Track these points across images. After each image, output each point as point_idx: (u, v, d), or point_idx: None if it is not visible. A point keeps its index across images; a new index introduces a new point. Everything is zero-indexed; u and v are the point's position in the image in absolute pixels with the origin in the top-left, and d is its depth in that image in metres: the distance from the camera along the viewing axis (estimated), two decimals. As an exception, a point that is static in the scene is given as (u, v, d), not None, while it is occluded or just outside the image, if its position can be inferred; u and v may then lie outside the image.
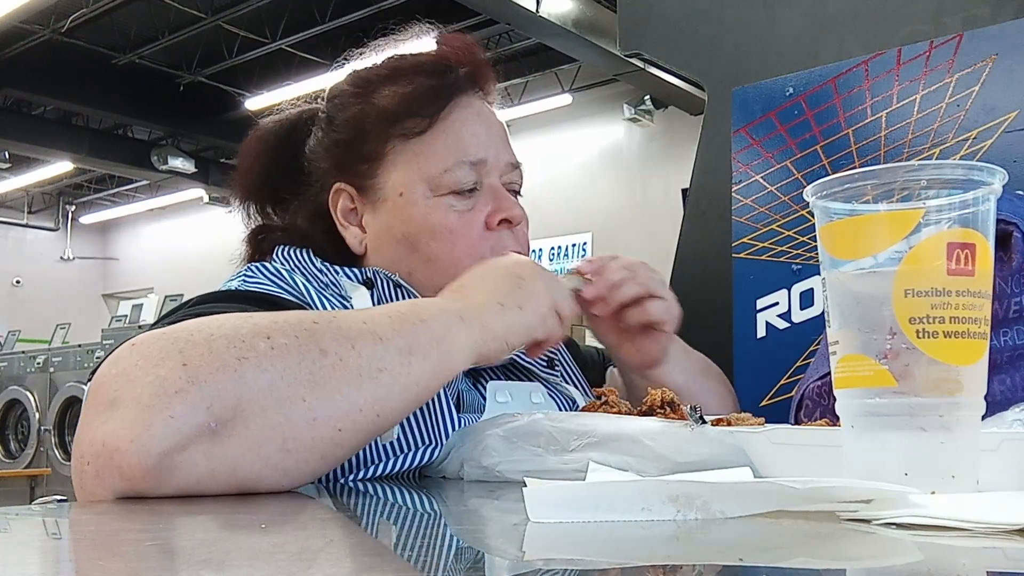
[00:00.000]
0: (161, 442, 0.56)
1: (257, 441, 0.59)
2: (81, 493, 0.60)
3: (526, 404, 0.91)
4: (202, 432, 0.57)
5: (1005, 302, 0.85)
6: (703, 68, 1.41)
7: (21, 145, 9.90)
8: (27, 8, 7.06)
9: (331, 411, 0.61)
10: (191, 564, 0.39)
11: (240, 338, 0.60)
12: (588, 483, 0.56)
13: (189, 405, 0.57)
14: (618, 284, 0.90)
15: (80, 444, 0.60)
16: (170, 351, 0.59)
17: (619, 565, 0.39)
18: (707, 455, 0.65)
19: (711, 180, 1.31)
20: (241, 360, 0.59)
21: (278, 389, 0.59)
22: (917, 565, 0.39)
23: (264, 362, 0.60)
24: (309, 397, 0.60)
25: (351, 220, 0.95)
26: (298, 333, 0.62)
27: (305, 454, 0.61)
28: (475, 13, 7.47)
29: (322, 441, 0.61)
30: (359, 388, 0.63)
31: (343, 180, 0.95)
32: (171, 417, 0.56)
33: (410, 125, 0.92)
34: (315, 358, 0.62)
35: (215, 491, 0.59)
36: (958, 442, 0.49)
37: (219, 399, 0.58)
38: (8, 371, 7.49)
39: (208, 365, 0.58)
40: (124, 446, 0.56)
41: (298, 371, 0.60)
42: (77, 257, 14.39)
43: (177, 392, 0.57)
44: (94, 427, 0.59)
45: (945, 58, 1.07)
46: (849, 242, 0.52)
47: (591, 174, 9.73)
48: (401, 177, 0.92)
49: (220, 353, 0.59)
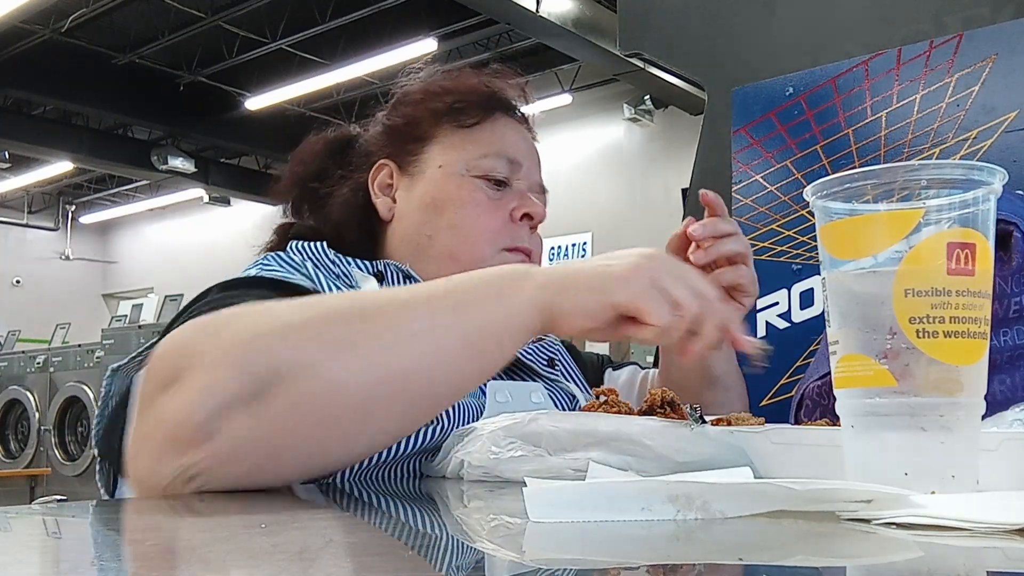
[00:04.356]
0: (202, 410, 0.57)
1: (295, 406, 0.58)
2: (146, 477, 0.61)
3: (526, 404, 0.91)
4: (243, 398, 0.57)
5: (1005, 302, 0.85)
6: (703, 68, 1.41)
7: (21, 145, 9.89)
8: (27, 8, 7.06)
9: (363, 375, 0.59)
10: (191, 564, 0.39)
11: (279, 310, 0.62)
12: (588, 483, 0.56)
13: (227, 372, 0.58)
14: (727, 234, 0.92)
15: (136, 433, 0.62)
16: (210, 328, 0.62)
17: (619, 565, 0.39)
18: (707, 455, 0.65)
19: (711, 180, 1.31)
20: (280, 328, 0.60)
21: (314, 354, 0.58)
22: (917, 564, 0.39)
23: (302, 329, 0.60)
24: (343, 360, 0.59)
25: (385, 192, 1.03)
26: (344, 303, 0.63)
27: (338, 424, 0.59)
28: (475, 13, 7.47)
29: (354, 409, 0.59)
30: (397, 349, 0.60)
31: (388, 157, 1.03)
32: (211, 385, 0.58)
33: (463, 117, 1.01)
34: (355, 322, 0.60)
35: (262, 459, 0.59)
36: (958, 442, 0.49)
37: (257, 364, 0.58)
38: (8, 371, 7.49)
39: (246, 333, 0.60)
40: (171, 418, 0.58)
41: (337, 335, 0.59)
42: (77, 257, 14.39)
43: (218, 360, 0.59)
44: (146, 414, 0.61)
45: (945, 58, 1.07)
46: (849, 242, 0.52)
47: (591, 174, 9.72)
48: (444, 155, 1.00)
49: (261, 323, 0.61)
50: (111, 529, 0.53)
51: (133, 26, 8.38)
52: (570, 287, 0.65)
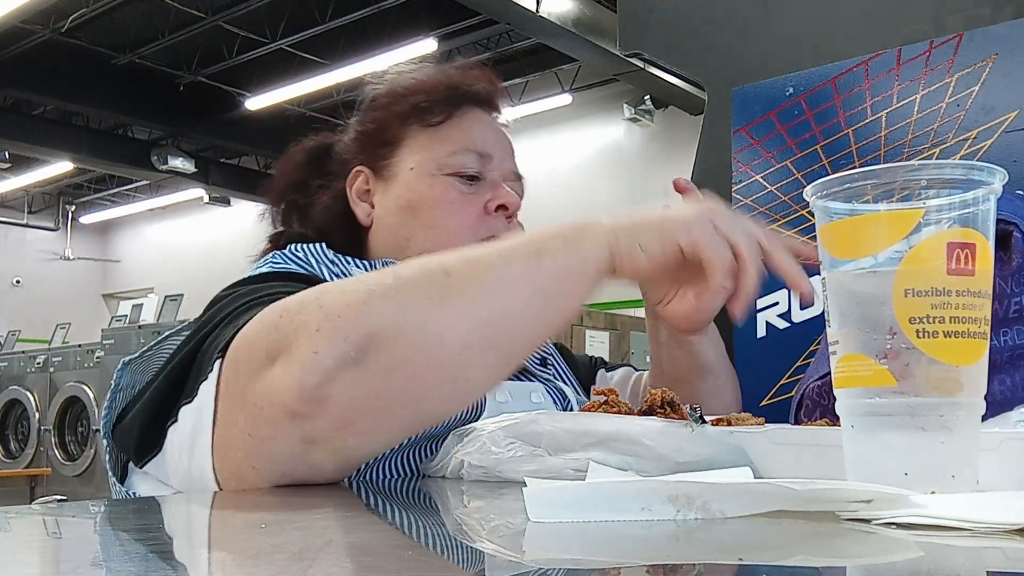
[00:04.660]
0: (311, 377, 0.60)
1: (393, 365, 0.62)
2: (259, 451, 0.64)
3: (526, 404, 0.91)
4: (346, 362, 0.61)
5: (1005, 302, 0.85)
6: (703, 68, 1.41)
7: (21, 145, 9.90)
8: (27, 8, 7.06)
9: (456, 328, 0.63)
10: (191, 564, 0.39)
11: (367, 280, 0.66)
12: (588, 483, 0.56)
13: (328, 339, 0.61)
14: None
15: (246, 406, 0.63)
16: (305, 302, 0.64)
17: (619, 565, 0.39)
18: (707, 455, 0.65)
19: (711, 180, 1.31)
20: (370, 293, 0.63)
21: (406, 313, 0.62)
22: (917, 564, 0.39)
23: (390, 292, 0.63)
24: (434, 316, 0.63)
25: (363, 198, 1.04)
26: (425, 264, 0.66)
27: (438, 377, 0.63)
28: (475, 13, 7.47)
29: (451, 361, 0.63)
30: (483, 300, 0.64)
31: (363, 163, 1.04)
32: (315, 353, 0.61)
33: (430, 116, 1.01)
34: (439, 279, 0.64)
35: (369, 420, 0.63)
36: (958, 442, 0.49)
37: (354, 329, 0.61)
38: (8, 371, 7.49)
39: (340, 301, 0.63)
40: (283, 387, 0.61)
41: (425, 293, 0.63)
42: (77, 257, 14.39)
43: (317, 330, 0.61)
44: (255, 386, 0.63)
45: (945, 58, 1.07)
46: (849, 242, 0.52)
47: (591, 174, 9.73)
48: (414, 156, 1.01)
49: (350, 292, 0.64)
50: (111, 529, 0.53)
51: (133, 26, 8.39)
52: (635, 230, 0.68)
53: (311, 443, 0.63)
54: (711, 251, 0.68)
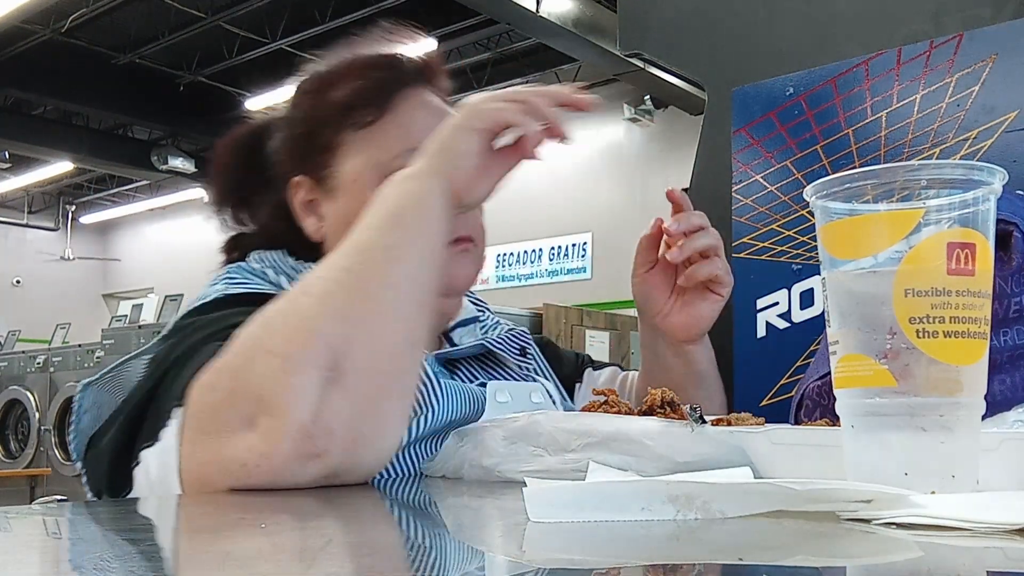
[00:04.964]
0: (306, 415, 0.62)
1: (364, 364, 0.65)
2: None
3: (526, 404, 0.91)
4: (328, 384, 0.63)
5: (1005, 302, 0.85)
6: (703, 68, 1.41)
7: (21, 145, 9.90)
8: (27, 8, 7.06)
9: (385, 306, 0.69)
10: (191, 564, 0.39)
11: (289, 309, 0.68)
12: (588, 483, 0.56)
13: (299, 374, 0.63)
14: (699, 229, 0.95)
15: (227, 466, 0.63)
16: (251, 353, 0.65)
17: (619, 565, 0.39)
18: (707, 455, 0.65)
19: (711, 180, 1.31)
20: (303, 318, 0.66)
21: (342, 317, 0.66)
22: (917, 564, 0.39)
23: (318, 309, 0.67)
24: (366, 306, 0.68)
25: (309, 211, 0.98)
26: (322, 274, 0.70)
27: (398, 345, 0.69)
28: (475, 13, 7.46)
29: (399, 329, 0.69)
30: (390, 275, 0.70)
31: (301, 173, 0.97)
32: (295, 391, 0.62)
33: (361, 116, 0.95)
34: (346, 278, 0.69)
35: (370, 426, 0.66)
36: (958, 442, 0.49)
37: (316, 354, 0.64)
38: (8, 371, 7.49)
39: (285, 338, 0.65)
40: (284, 436, 0.62)
41: (345, 295, 0.68)
42: (77, 257, 14.39)
43: (283, 372, 0.63)
44: (234, 451, 0.63)
45: (945, 58, 1.07)
46: (849, 242, 0.52)
47: (591, 174, 9.72)
48: (355, 165, 0.94)
49: (289, 326, 0.66)
50: (111, 529, 0.53)
51: (133, 26, 8.38)
52: (443, 150, 0.77)
53: (332, 475, 0.64)
54: (499, 112, 0.77)
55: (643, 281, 1.00)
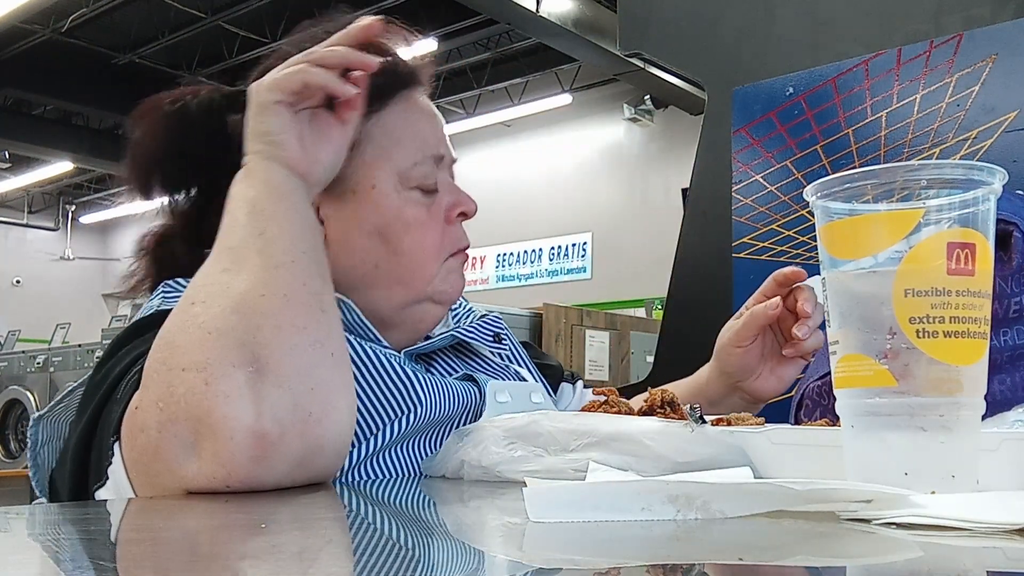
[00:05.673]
0: (249, 416, 0.60)
1: (283, 345, 0.63)
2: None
3: (526, 404, 0.91)
4: (255, 379, 0.61)
5: (1005, 302, 0.85)
6: (703, 68, 1.41)
7: (21, 145, 9.90)
8: (27, 8, 7.06)
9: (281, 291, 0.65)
10: (191, 564, 0.39)
11: (187, 320, 0.64)
12: (588, 483, 0.56)
13: (223, 381, 0.60)
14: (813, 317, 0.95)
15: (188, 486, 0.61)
16: (167, 375, 0.62)
17: (619, 565, 0.39)
18: (707, 455, 0.65)
19: (711, 180, 1.31)
20: (203, 327, 0.63)
21: (241, 312, 0.63)
22: (917, 564, 0.39)
23: (214, 313, 0.63)
24: (260, 295, 0.65)
25: None
26: (206, 273, 0.67)
27: (312, 319, 0.66)
28: (475, 13, 7.47)
29: (304, 303, 0.66)
30: (272, 260, 0.67)
31: None
32: (227, 398, 0.60)
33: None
34: (232, 281, 0.66)
35: (316, 401, 0.63)
36: (958, 442, 0.49)
37: (230, 356, 0.61)
38: (8, 371, 7.49)
39: (191, 351, 0.62)
40: (238, 448, 0.59)
41: (239, 291, 0.65)
42: (77, 257, 14.39)
43: (207, 384, 0.60)
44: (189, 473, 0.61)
45: (945, 58, 1.07)
46: (849, 242, 0.52)
47: (591, 174, 9.73)
48: (372, 169, 0.88)
49: (192, 340, 0.62)
50: (111, 529, 0.53)
51: (133, 26, 8.39)
52: (252, 136, 0.74)
53: (304, 462, 0.62)
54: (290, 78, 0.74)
55: (746, 352, 1.01)
